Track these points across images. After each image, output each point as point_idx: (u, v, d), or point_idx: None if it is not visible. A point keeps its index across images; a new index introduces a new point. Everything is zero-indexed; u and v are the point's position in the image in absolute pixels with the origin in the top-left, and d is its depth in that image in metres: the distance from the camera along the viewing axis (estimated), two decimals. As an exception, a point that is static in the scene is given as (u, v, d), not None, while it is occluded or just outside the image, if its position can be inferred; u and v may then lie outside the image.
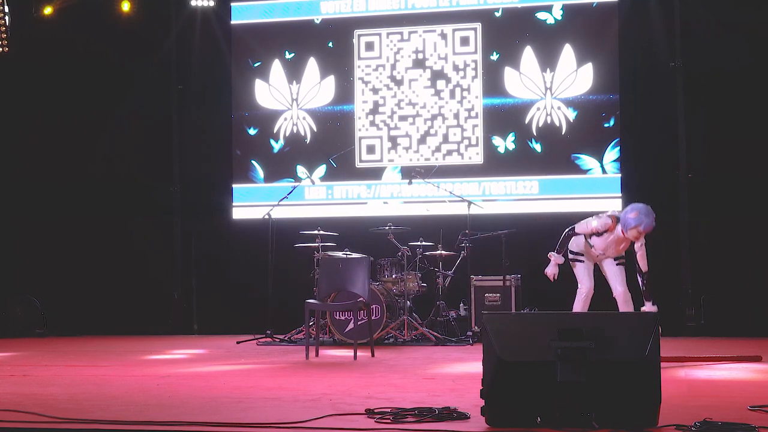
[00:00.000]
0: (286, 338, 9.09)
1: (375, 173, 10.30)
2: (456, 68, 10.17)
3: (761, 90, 9.41)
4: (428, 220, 9.66)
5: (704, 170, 9.56)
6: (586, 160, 9.75)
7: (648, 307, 7.02)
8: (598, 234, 7.29)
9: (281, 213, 9.71)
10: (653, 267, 6.98)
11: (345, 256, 8.72)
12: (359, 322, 7.84)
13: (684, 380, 5.88)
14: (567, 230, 7.42)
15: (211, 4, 10.65)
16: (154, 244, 10.71)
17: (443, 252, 9.03)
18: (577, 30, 9.90)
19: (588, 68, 9.84)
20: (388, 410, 4.44)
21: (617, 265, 7.23)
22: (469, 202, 9.09)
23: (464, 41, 10.17)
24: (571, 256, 7.51)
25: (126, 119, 10.61)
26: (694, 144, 9.61)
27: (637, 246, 7.12)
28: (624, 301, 7.22)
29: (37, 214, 10.75)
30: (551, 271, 7.49)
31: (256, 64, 10.65)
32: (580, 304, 7.37)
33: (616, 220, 7.19)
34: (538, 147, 9.91)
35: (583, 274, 7.42)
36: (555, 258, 7.47)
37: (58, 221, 10.70)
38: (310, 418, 4.29)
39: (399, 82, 10.30)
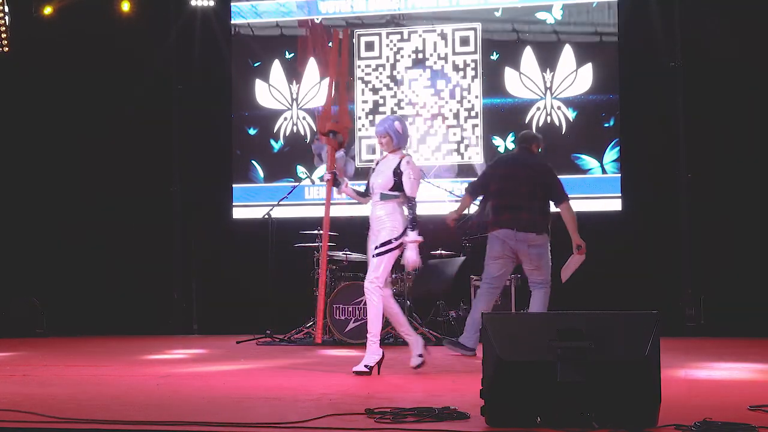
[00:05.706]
0: (286, 338, 9.09)
1: (375, 173, 10.27)
2: (456, 68, 10.17)
3: (761, 90, 9.40)
4: (428, 220, 9.63)
5: (704, 170, 9.55)
6: (586, 160, 9.75)
7: (412, 236, 6.35)
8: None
9: (281, 213, 9.70)
10: (654, 267, 6.92)
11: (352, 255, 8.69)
12: (359, 322, 7.83)
13: (684, 380, 5.87)
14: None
15: (211, 4, 10.66)
16: (154, 244, 10.70)
17: (443, 252, 9.02)
18: (577, 30, 9.90)
19: (588, 68, 9.84)
20: (388, 410, 4.43)
21: (374, 255, 6.43)
22: (469, 202, 9.07)
23: (464, 41, 10.17)
24: None
25: (126, 119, 10.61)
26: (694, 144, 9.61)
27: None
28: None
29: (37, 214, 10.74)
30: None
31: (256, 64, 10.65)
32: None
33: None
34: (538, 147, 9.89)
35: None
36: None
37: (58, 221, 10.70)
38: (310, 418, 4.28)
39: (399, 82, 10.30)
